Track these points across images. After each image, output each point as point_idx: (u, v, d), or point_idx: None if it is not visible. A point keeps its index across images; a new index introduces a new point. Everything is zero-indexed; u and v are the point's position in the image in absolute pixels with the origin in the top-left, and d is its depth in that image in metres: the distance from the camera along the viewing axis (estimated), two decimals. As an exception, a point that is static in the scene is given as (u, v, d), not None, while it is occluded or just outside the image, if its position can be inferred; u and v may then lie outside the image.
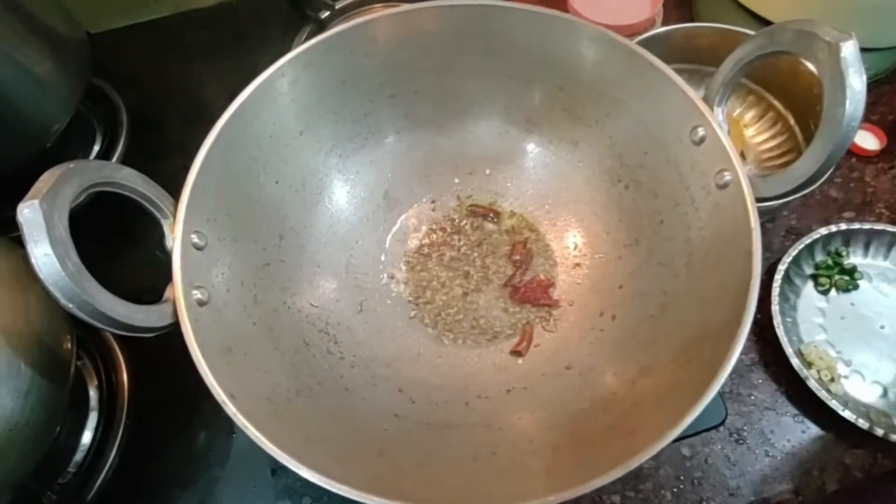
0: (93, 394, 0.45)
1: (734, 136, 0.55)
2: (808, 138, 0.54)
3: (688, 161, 0.35)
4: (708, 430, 0.43)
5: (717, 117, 0.34)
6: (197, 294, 0.31)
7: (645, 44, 0.49)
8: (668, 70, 0.35)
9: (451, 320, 0.41)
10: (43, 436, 0.34)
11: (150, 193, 0.31)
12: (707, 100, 0.35)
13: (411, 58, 0.41)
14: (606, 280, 0.39)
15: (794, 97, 0.53)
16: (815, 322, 0.46)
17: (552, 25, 0.38)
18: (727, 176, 0.32)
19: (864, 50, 0.60)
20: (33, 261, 0.24)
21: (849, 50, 0.26)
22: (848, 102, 0.27)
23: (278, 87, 0.38)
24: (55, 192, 0.25)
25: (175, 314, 0.30)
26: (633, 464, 0.25)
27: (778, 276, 0.45)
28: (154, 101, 0.58)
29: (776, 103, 0.56)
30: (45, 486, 0.38)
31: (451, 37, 0.40)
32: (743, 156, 0.57)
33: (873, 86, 0.62)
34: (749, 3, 0.58)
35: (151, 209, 0.32)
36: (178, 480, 0.42)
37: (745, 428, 0.45)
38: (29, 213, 0.24)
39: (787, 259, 0.46)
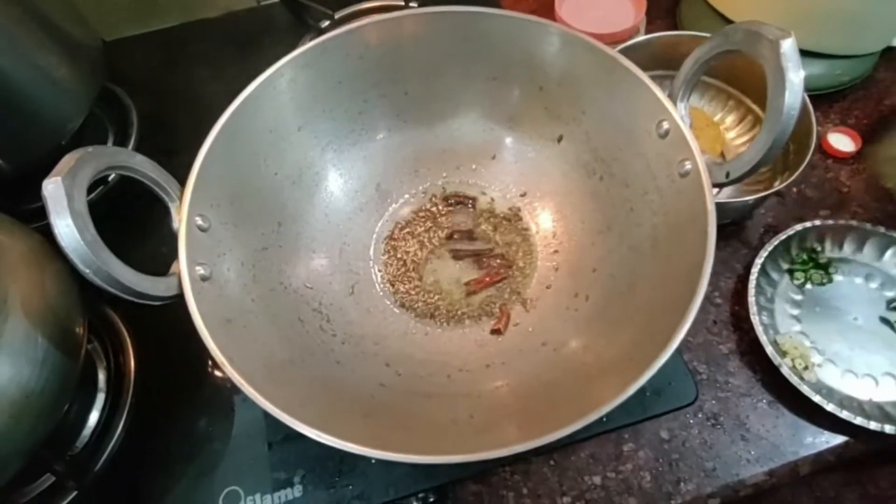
0: (101, 376, 0.47)
1: (714, 138, 0.58)
2: (783, 140, 0.57)
3: (655, 153, 0.38)
4: (681, 408, 0.45)
5: (679, 112, 0.37)
6: (200, 270, 0.34)
7: (627, 51, 0.52)
8: (637, 70, 0.38)
9: (430, 305, 0.43)
10: (55, 405, 0.37)
11: (160, 178, 0.34)
12: (671, 96, 0.38)
13: (402, 60, 0.44)
14: (581, 264, 0.42)
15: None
16: (790, 314, 0.48)
17: (531, 30, 0.41)
18: (688, 165, 0.35)
19: (839, 57, 0.64)
20: (55, 230, 0.27)
21: (788, 46, 0.29)
22: (787, 93, 0.30)
23: (278, 85, 0.41)
24: (75, 171, 0.28)
25: (180, 286, 0.32)
26: (593, 417, 0.28)
27: (755, 270, 0.48)
28: (163, 103, 0.62)
29: (754, 107, 0.59)
30: (57, 456, 0.41)
31: (438, 41, 0.43)
32: (723, 156, 0.60)
33: (848, 91, 0.65)
34: (731, 14, 0.61)
35: (160, 193, 0.35)
36: (180, 454, 0.44)
37: (722, 413, 0.47)
38: (52, 188, 0.27)
39: (763, 254, 0.48)
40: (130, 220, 0.51)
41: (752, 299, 0.46)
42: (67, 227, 0.27)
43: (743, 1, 0.60)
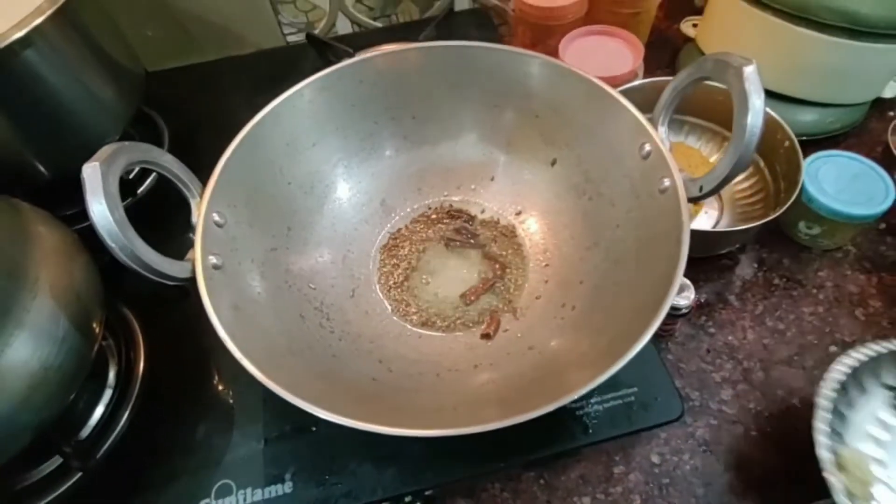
0: (112, 373, 0.50)
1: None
2: (775, 179, 0.60)
3: (638, 173, 0.41)
4: (667, 423, 0.45)
5: (660, 135, 0.40)
6: (213, 259, 0.37)
7: (625, 93, 0.56)
8: (623, 98, 0.42)
9: (426, 313, 0.46)
10: (68, 384, 0.39)
11: (184, 176, 0.38)
12: (652, 121, 0.41)
13: (410, 88, 0.48)
14: (569, 277, 0.44)
15: (763, 145, 0.60)
16: (870, 434, 0.41)
17: (529, 63, 0.46)
18: (666, 182, 0.38)
19: (830, 105, 0.67)
20: (89, 207, 0.31)
21: (750, 72, 0.33)
22: (750, 114, 0.33)
23: (298, 104, 0.45)
24: (112, 159, 0.32)
25: (193, 271, 0.35)
26: (568, 399, 0.29)
27: (842, 368, 0.41)
28: (193, 127, 0.67)
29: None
30: (64, 439, 0.43)
31: (442, 72, 0.48)
32: (720, 194, 0.63)
33: (841, 138, 0.68)
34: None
35: (183, 189, 0.39)
36: (179, 447, 0.46)
37: (713, 440, 0.48)
38: (90, 171, 0.31)
39: (860, 356, 0.41)
40: (158, 222, 0.55)
41: (824, 396, 0.39)
42: (100, 206, 0.31)
43: (739, 52, 0.64)
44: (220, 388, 0.50)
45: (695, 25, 0.78)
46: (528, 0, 0.66)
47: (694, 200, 0.37)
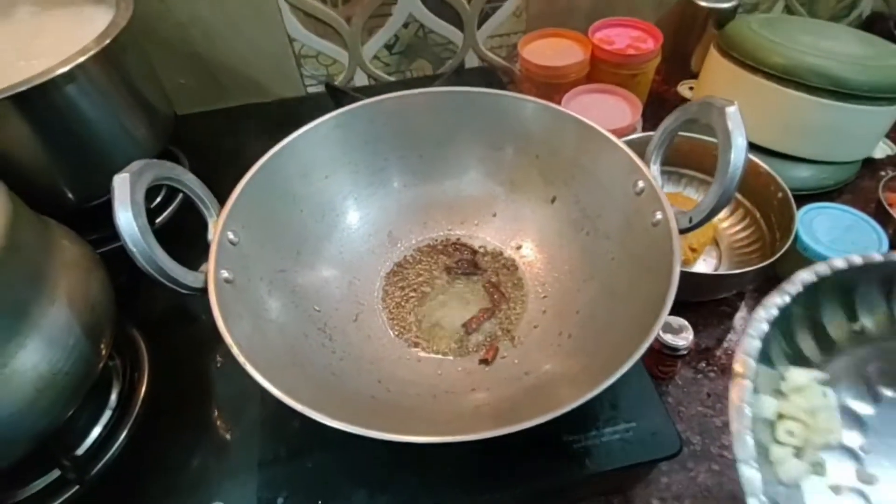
0: (114, 394, 0.51)
1: (708, 225, 0.64)
2: (771, 228, 0.62)
3: (633, 208, 0.43)
4: (665, 458, 0.45)
5: (652, 173, 0.43)
6: (225, 273, 0.39)
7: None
8: (617, 140, 0.45)
9: (427, 341, 0.47)
10: (74, 392, 0.40)
11: (204, 195, 0.41)
12: (645, 160, 0.43)
13: (418, 129, 0.52)
14: (566, 307, 0.45)
15: (756, 194, 0.63)
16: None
17: (527, 107, 0.49)
18: (658, 215, 0.40)
19: (822, 163, 0.70)
20: (115, 213, 0.33)
21: (732, 111, 0.35)
22: (733, 150, 0.35)
23: (314, 138, 0.49)
24: (140, 172, 0.35)
25: (206, 282, 0.37)
26: (558, 412, 0.30)
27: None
28: (214, 165, 0.70)
29: (744, 201, 0.65)
30: (63, 453, 0.43)
31: (450, 115, 0.51)
32: (717, 242, 0.65)
33: (835, 195, 0.71)
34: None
35: (202, 207, 0.41)
36: (175, 467, 0.46)
37: (715, 486, 0.47)
38: (120, 180, 0.34)
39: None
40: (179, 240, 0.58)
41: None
42: (126, 212, 0.33)
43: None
44: (219, 411, 0.50)
45: (691, 88, 0.83)
46: (533, 59, 0.71)
47: (684, 231, 0.39)
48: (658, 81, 0.84)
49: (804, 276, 0.35)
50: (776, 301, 0.34)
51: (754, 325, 0.33)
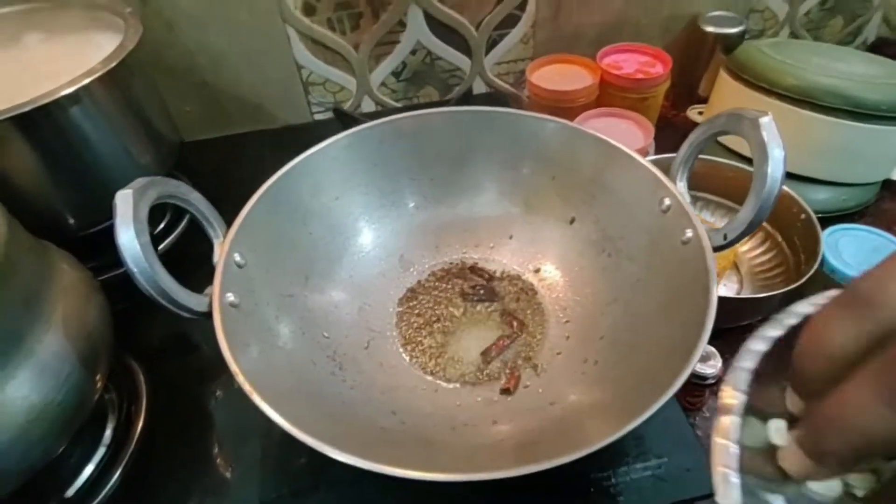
0: (108, 430, 0.48)
1: (728, 251, 0.62)
2: (794, 252, 0.60)
3: (658, 228, 0.41)
4: (702, 497, 0.42)
5: (679, 189, 0.41)
6: (230, 297, 0.37)
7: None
8: (640, 157, 0.43)
9: (445, 370, 0.44)
10: (66, 423, 0.38)
11: (209, 215, 0.39)
12: (671, 176, 0.42)
13: (430, 149, 0.50)
14: (590, 333, 0.43)
15: (777, 216, 0.61)
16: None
17: (544, 126, 0.48)
18: (689, 233, 0.38)
19: (842, 184, 0.69)
20: (117, 230, 0.31)
21: (766, 122, 0.34)
22: (770, 162, 0.33)
23: (323, 159, 0.47)
24: (144, 189, 0.33)
25: (210, 306, 0.35)
26: (586, 451, 0.27)
27: None
28: (219, 191, 0.69)
29: (765, 224, 0.63)
30: (53, 494, 0.40)
31: (464, 135, 0.50)
32: (737, 267, 0.63)
33: (857, 217, 0.69)
34: (732, 146, 0.69)
35: (208, 228, 0.39)
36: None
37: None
38: (123, 197, 0.32)
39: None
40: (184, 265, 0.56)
41: None
42: (128, 230, 0.31)
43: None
44: (219, 446, 0.47)
45: (700, 113, 0.82)
46: (542, 84, 0.71)
47: (719, 249, 0.36)
48: (666, 107, 0.84)
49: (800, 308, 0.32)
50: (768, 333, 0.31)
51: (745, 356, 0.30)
